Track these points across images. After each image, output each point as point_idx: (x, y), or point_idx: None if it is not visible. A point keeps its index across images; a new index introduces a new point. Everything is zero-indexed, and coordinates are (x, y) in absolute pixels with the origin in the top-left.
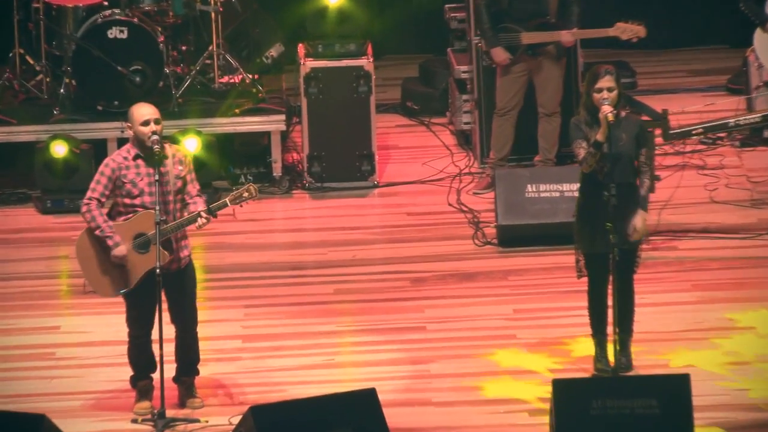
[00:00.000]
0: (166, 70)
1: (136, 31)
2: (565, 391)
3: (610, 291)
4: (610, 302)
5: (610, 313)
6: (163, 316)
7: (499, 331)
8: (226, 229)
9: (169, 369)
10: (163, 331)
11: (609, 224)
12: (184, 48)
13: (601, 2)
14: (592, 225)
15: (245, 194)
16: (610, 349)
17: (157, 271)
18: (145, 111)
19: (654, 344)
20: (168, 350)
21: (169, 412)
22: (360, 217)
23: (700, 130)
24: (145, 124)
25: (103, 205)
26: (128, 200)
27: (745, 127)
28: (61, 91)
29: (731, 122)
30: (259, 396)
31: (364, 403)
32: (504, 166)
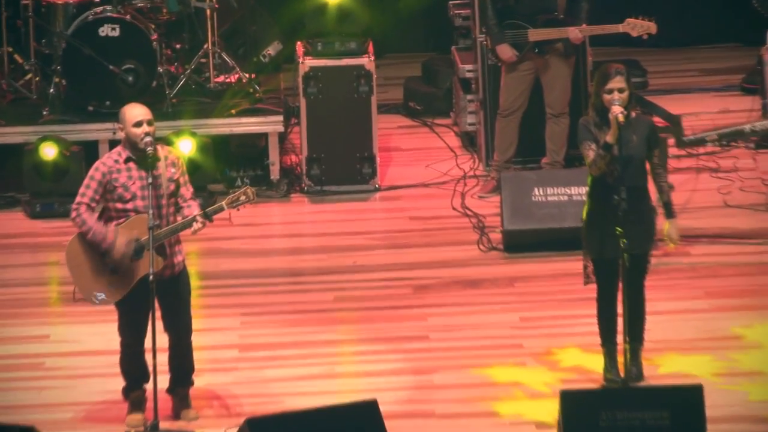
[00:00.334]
0: (160, 69)
1: (128, 28)
2: (573, 403)
3: (620, 298)
4: (620, 310)
5: (620, 321)
6: (157, 325)
7: (505, 341)
8: (222, 234)
9: (162, 379)
10: (157, 340)
11: (619, 229)
12: (179, 46)
13: (609, 0)
14: (601, 230)
15: (242, 197)
16: (620, 359)
17: (151, 277)
18: (138, 112)
19: (666, 353)
20: (161, 360)
21: (163, 425)
22: (361, 222)
23: (715, 137)
24: (138, 125)
25: (93, 211)
26: (120, 205)
27: (761, 134)
28: (51, 90)
29: (747, 128)
30: (255, 407)
31: (365, 415)
32: (509, 168)
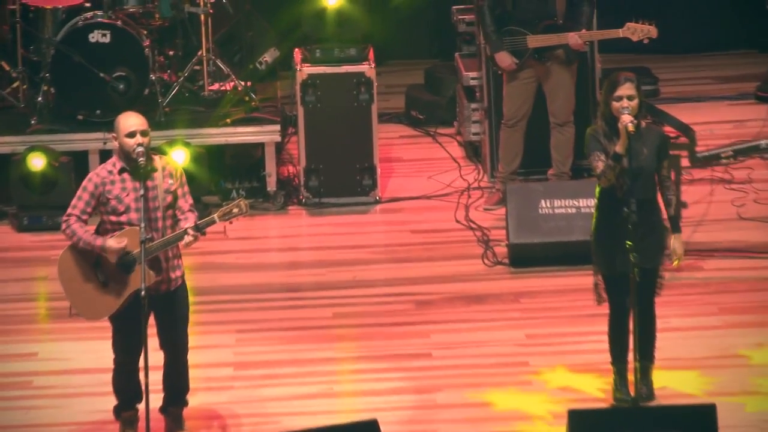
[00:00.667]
0: (152, 77)
1: (119, 34)
2: (582, 423)
3: (632, 315)
4: (630, 326)
5: (630, 338)
6: (152, 342)
7: (511, 358)
8: (217, 248)
9: (155, 399)
10: (150, 358)
11: (629, 243)
12: (172, 53)
13: (617, 5)
14: (611, 244)
15: (235, 210)
16: (631, 378)
17: (142, 293)
18: (132, 122)
19: (677, 372)
20: (154, 378)
21: None
22: (361, 235)
23: (730, 153)
24: (131, 135)
25: (85, 223)
26: (114, 217)
27: None
28: (39, 99)
29: (763, 144)
30: (252, 428)
31: None
32: (515, 179)
